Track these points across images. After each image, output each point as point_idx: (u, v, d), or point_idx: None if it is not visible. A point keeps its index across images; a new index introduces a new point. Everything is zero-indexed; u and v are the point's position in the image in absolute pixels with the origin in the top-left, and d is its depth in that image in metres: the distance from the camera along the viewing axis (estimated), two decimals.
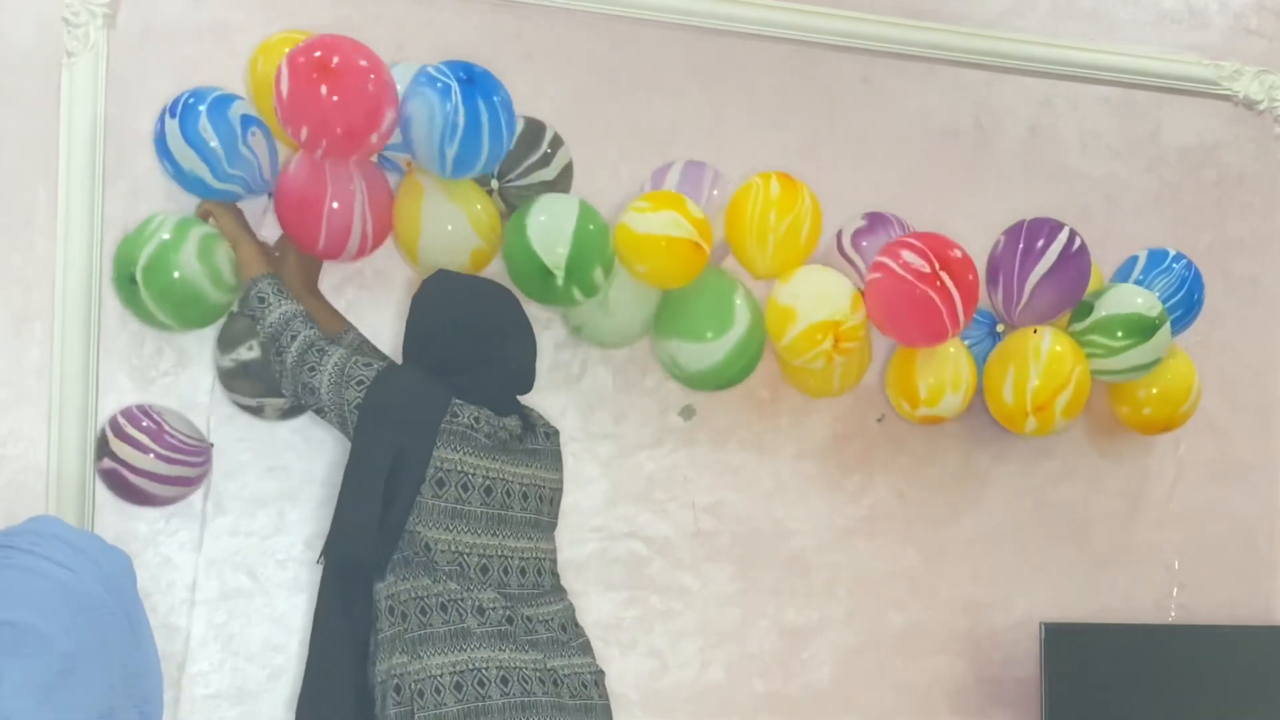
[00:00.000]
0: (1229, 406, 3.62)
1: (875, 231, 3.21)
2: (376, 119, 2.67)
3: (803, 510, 3.34)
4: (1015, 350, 3.22)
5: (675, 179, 3.17)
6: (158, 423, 2.75)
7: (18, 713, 2.12)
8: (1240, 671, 3.51)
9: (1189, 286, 3.38)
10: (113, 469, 2.74)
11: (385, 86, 2.69)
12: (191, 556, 2.88)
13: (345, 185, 2.75)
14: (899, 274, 3.03)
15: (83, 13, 2.82)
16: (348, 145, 2.67)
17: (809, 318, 3.05)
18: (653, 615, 3.22)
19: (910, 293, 3.02)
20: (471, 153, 2.76)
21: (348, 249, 2.81)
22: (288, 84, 2.61)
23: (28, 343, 2.81)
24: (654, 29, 3.26)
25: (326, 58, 2.61)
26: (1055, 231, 3.21)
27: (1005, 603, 3.50)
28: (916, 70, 3.49)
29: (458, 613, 2.62)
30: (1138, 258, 3.44)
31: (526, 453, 2.78)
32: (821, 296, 3.07)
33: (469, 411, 2.67)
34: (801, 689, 3.34)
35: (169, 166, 2.77)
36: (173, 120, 2.73)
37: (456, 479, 2.65)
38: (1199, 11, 3.76)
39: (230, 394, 2.87)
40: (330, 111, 2.60)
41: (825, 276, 3.12)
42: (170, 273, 2.72)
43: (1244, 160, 3.78)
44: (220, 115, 2.74)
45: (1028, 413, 3.19)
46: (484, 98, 2.75)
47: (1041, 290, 3.19)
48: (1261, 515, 3.76)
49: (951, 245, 3.06)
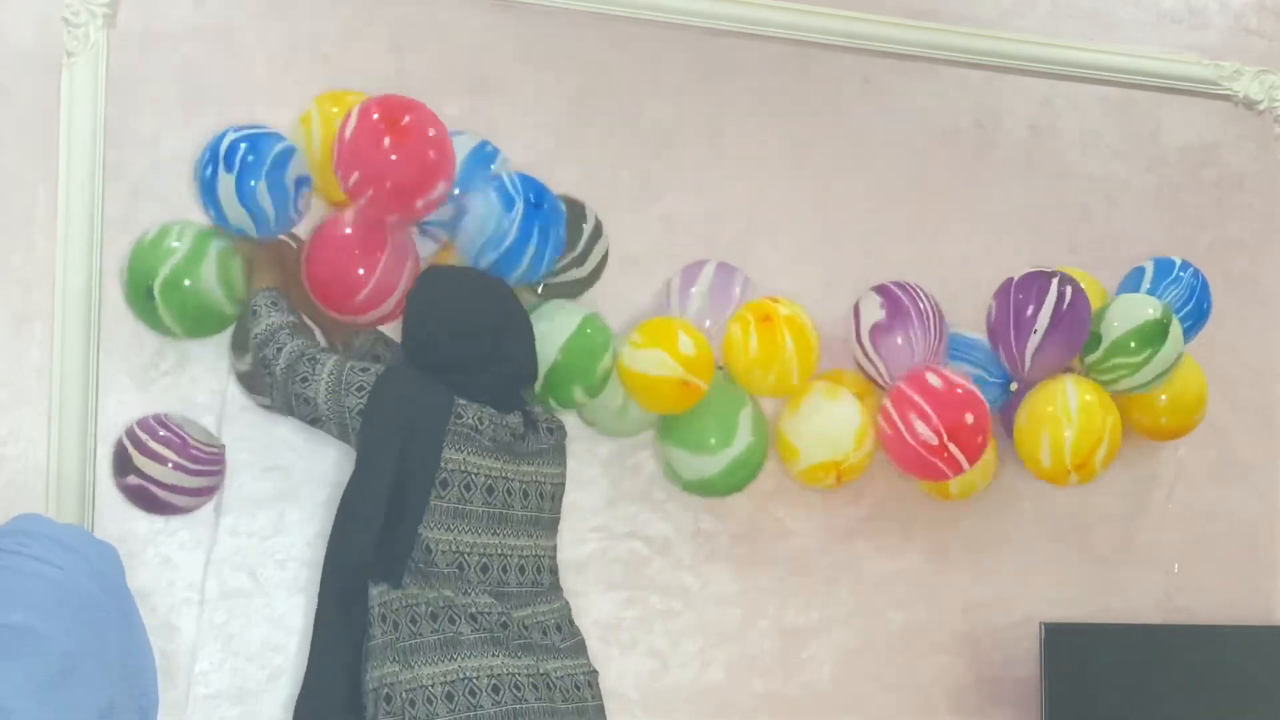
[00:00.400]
0: (1229, 407, 3.62)
1: (894, 328, 3.13)
2: (428, 185, 2.71)
3: (803, 510, 3.34)
4: (1044, 413, 3.21)
5: (706, 283, 3.13)
6: (181, 436, 2.74)
7: (18, 711, 2.12)
8: (1240, 671, 3.51)
9: (1198, 296, 3.38)
10: (140, 485, 2.72)
11: (446, 158, 2.73)
12: (191, 556, 2.87)
13: (377, 248, 2.75)
14: (908, 441, 3.08)
15: (83, 13, 2.82)
16: (393, 202, 2.70)
17: (809, 458, 3.13)
18: (653, 615, 3.22)
19: (918, 458, 3.10)
20: (507, 268, 2.81)
21: (382, 308, 2.80)
22: (353, 129, 2.66)
23: (28, 343, 2.81)
24: (654, 29, 3.26)
25: (399, 115, 2.66)
26: (1043, 293, 3.16)
27: (1005, 603, 3.50)
28: (916, 70, 3.49)
29: (449, 620, 2.62)
30: (1144, 269, 3.42)
31: (529, 451, 2.77)
32: (821, 436, 3.12)
33: (472, 412, 2.66)
34: (801, 689, 3.34)
35: (213, 212, 2.72)
36: (228, 175, 2.66)
37: (460, 479, 2.65)
38: (1199, 11, 3.76)
39: (251, 396, 2.86)
40: (386, 164, 2.65)
41: (829, 411, 3.13)
42: (191, 290, 2.71)
43: (1244, 160, 3.78)
44: (278, 178, 2.70)
45: (1068, 471, 3.21)
46: (541, 227, 2.81)
47: (1042, 356, 3.18)
48: (1261, 515, 3.76)
49: (964, 407, 3.06)
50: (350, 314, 2.79)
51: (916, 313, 3.15)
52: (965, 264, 3.49)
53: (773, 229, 3.28)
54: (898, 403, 3.09)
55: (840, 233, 3.41)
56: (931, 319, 3.16)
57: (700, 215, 3.29)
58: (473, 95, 3.11)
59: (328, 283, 2.75)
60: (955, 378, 3.11)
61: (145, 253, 2.75)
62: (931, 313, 3.16)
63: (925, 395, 3.07)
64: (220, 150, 2.68)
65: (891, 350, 3.14)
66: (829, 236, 3.39)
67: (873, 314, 3.16)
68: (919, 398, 3.07)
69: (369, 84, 3.01)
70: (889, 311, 3.14)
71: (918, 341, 3.13)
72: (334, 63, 3.02)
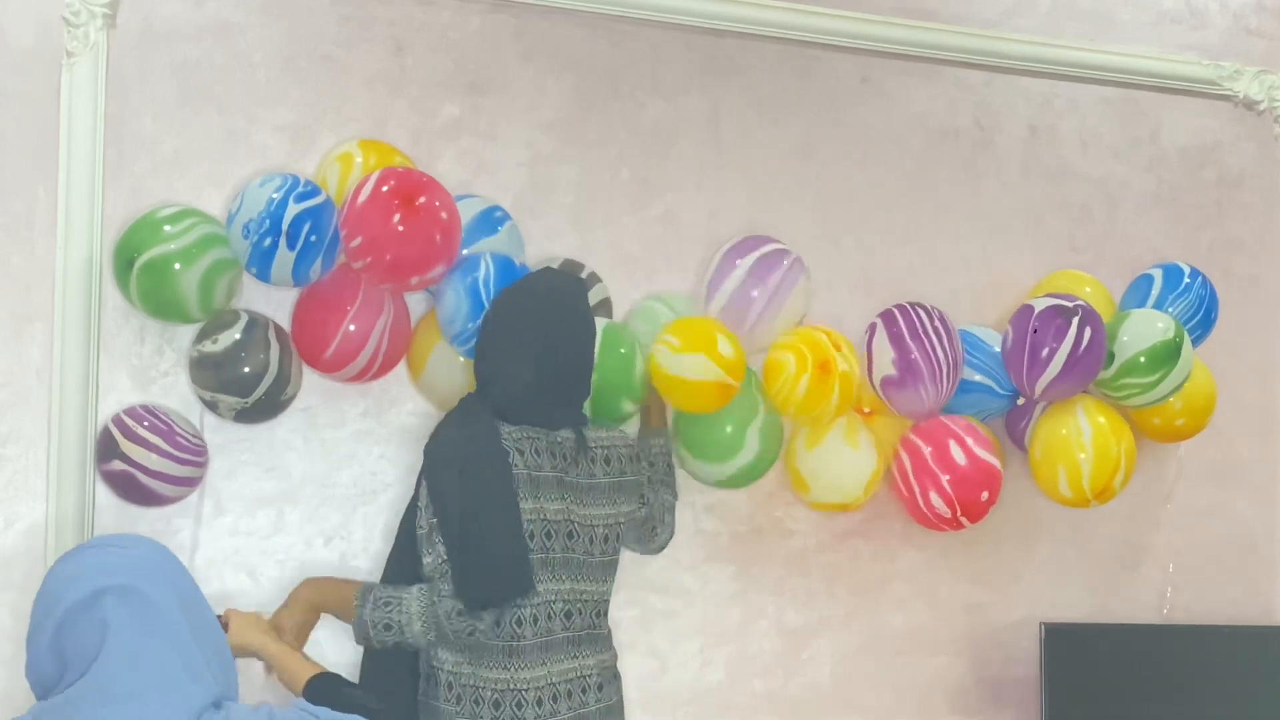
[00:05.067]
0: (1229, 407, 3.61)
1: (905, 385, 3.08)
2: (427, 266, 2.76)
3: (803, 510, 3.34)
4: (1057, 443, 3.22)
5: (746, 268, 3.06)
6: (167, 424, 2.74)
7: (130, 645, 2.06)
8: (1240, 671, 3.51)
9: (1207, 306, 3.37)
10: (124, 471, 2.71)
11: (451, 244, 2.78)
12: (192, 557, 2.87)
13: (374, 307, 2.80)
14: (920, 507, 3.14)
15: (83, 13, 2.82)
16: (389, 274, 2.74)
17: (818, 496, 3.19)
18: (652, 615, 3.22)
19: (926, 519, 3.17)
20: (473, 355, 2.82)
21: (352, 366, 2.82)
22: (367, 196, 2.68)
23: (28, 343, 2.81)
24: (654, 29, 3.26)
25: (415, 193, 2.70)
26: (1062, 332, 3.10)
27: (1005, 603, 3.50)
28: (916, 70, 3.49)
29: (514, 705, 2.67)
30: (1153, 278, 3.41)
31: (579, 487, 2.76)
32: (835, 485, 3.16)
33: (513, 444, 2.68)
34: (801, 689, 3.34)
35: (258, 272, 2.73)
36: (289, 252, 2.68)
37: (539, 526, 2.69)
38: (1199, 11, 3.76)
39: (193, 385, 2.82)
40: (390, 239, 2.68)
41: (846, 460, 3.14)
42: (165, 282, 2.70)
43: (1244, 160, 3.78)
44: (333, 251, 2.75)
45: (1089, 499, 3.23)
46: None
47: (1053, 390, 3.16)
48: (1261, 516, 3.76)
49: (982, 486, 3.11)
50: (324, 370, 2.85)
51: (929, 368, 3.07)
52: (965, 264, 3.49)
53: (773, 229, 3.28)
54: (917, 471, 3.12)
55: (840, 233, 3.41)
56: (944, 373, 3.08)
57: (700, 215, 3.29)
58: (473, 95, 3.12)
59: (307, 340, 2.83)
60: (979, 450, 3.11)
61: (146, 227, 2.72)
62: (947, 366, 3.08)
63: (946, 470, 3.10)
64: (283, 224, 2.68)
65: (902, 401, 3.14)
66: (829, 236, 3.38)
67: (884, 367, 3.11)
68: (940, 473, 3.10)
69: (369, 84, 3.03)
70: (900, 369, 3.09)
71: (929, 396, 3.11)
72: (334, 63, 3.02)
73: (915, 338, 3.08)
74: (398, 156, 2.92)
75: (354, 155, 2.88)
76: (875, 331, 3.14)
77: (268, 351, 2.77)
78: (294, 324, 2.86)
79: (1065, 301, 3.16)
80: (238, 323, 2.76)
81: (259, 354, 2.76)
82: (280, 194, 2.69)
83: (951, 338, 3.11)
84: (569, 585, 2.73)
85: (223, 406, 2.79)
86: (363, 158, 2.88)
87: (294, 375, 2.83)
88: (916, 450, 3.13)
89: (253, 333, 2.76)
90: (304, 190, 2.72)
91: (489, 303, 2.79)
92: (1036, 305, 3.18)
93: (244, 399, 2.76)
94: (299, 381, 2.85)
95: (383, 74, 3.05)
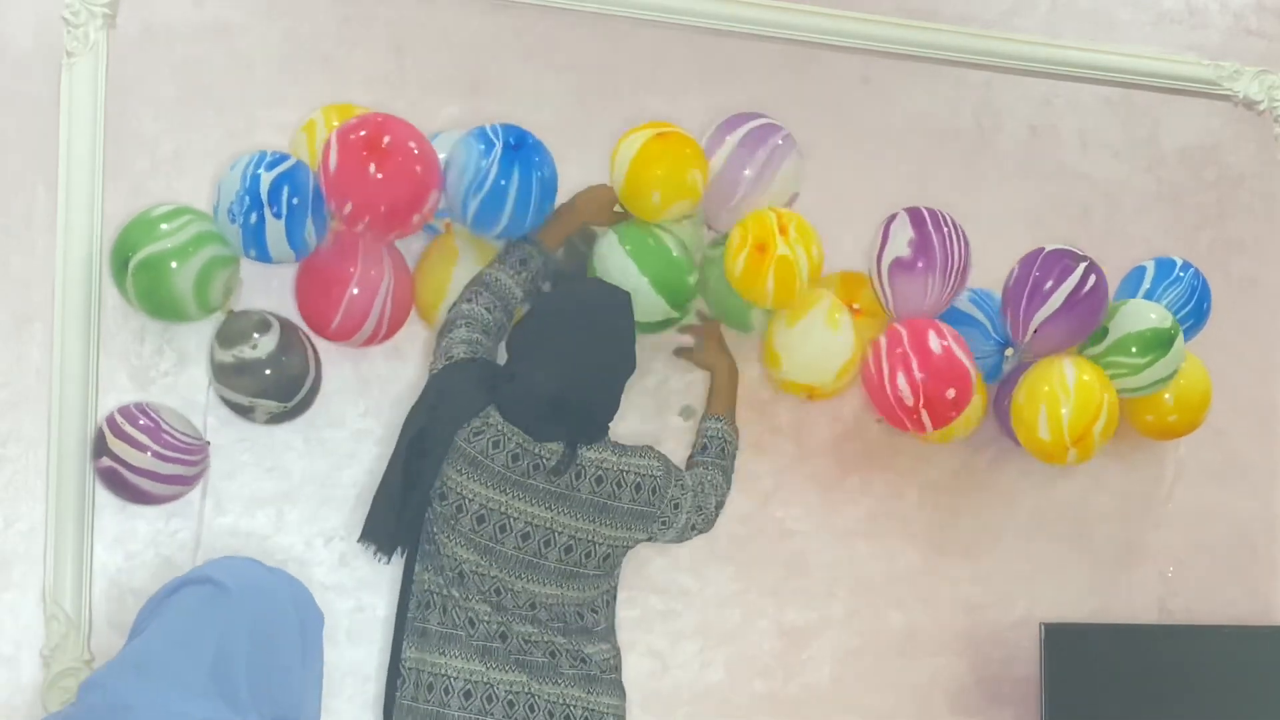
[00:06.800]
0: (1229, 407, 3.62)
1: (915, 271, 3.07)
2: (421, 200, 2.73)
3: (803, 510, 3.34)
4: (1041, 389, 3.20)
5: (736, 140, 3.05)
6: (155, 421, 2.73)
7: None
8: (1240, 671, 3.51)
9: (1198, 296, 3.37)
10: (111, 468, 2.71)
11: (431, 169, 2.75)
12: (193, 558, 2.87)
13: (373, 270, 2.78)
14: (886, 390, 3.06)
15: (83, 13, 2.82)
16: (390, 223, 2.72)
17: (790, 374, 3.14)
18: (653, 615, 3.22)
19: (889, 407, 3.08)
20: (492, 212, 2.80)
21: (360, 334, 2.82)
22: (336, 160, 2.67)
23: (28, 343, 2.81)
24: (654, 29, 3.26)
25: (377, 136, 2.67)
26: (1067, 272, 3.14)
27: (1005, 603, 3.50)
28: (916, 70, 3.49)
29: (452, 618, 2.67)
30: (1145, 269, 3.42)
31: (553, 494, 2.73)
32: (809, 364, 3.12)
33: (490, 435, 2.68)
34: (801, 689, 3.34)
35: (254, 253, 2.70)
36: (276, 221, 2.65)
37: (454, 499, 2.69)
38: (1199, 11, 3.76)
39: (222, 390, 2.80)
40: (376, 189, 2.66)
41: (824, 341, 3.10)
42: (161, 280, 2.68)
43: (1244, 160, 3.78)
44: (320, 211, 2.72)
45: (1067, 446, 3.18)
46: (522, 166, 2.80)
47: (1046, 331, 3.16)
48: (1261, 516, 3.76)
49: (951, 381, 3.04)
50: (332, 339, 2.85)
51: (943, 257, 3.08)
52: None
53: None
54: (891, 351, 3.06)
55: (840, 232, 3.40)
56: (954, 269, 3.09)
57: None
58: (473, 95, 3.11)
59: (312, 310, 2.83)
60: (956, 347, 3.07)
61: (141, 226, 2.71)
62: (958, 264, 3.10)
63: (920, 356, 3.04)
64: (261, 194, 2.65)
65: (905, 289, 3.10)
66: (828, 236, 3.37)
67: (899, 247, 3.09)
68: (913, 356, 3.04)
69: (369, 84, 3.03)
70: (915, 250, 3.08)
71: (933, 290, 3.09)
72: (334, 63, 3.02)
73: (936, 227, 3.10)
74: (356, 109, 2.87)
75: (316, 122, 2.86)
76: (895, 218, 3.13)
77: (305, 354, 2.78)
78: (297, 299, 2.84)
79: (1077, 250, 3.20)
80: (271, 327, 2.76)
81: (299, 357, 2.78)
82: (250, 168, 2.67)
83: (966, 246, 3.12)
84: (521, 584, 2.71)
85: (259, 411, 2.79)
86: (324, 121, 2.85)
87: (321, 377, 2.86)
88: (896, 334, 3.09)
89: (290, 336, 2.77)
90: (272, 159, 2.69)
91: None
92: (1046, 248, 3.21)
93: (284, 403, 2.77)
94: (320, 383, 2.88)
95: (383, 74, 3.05)
